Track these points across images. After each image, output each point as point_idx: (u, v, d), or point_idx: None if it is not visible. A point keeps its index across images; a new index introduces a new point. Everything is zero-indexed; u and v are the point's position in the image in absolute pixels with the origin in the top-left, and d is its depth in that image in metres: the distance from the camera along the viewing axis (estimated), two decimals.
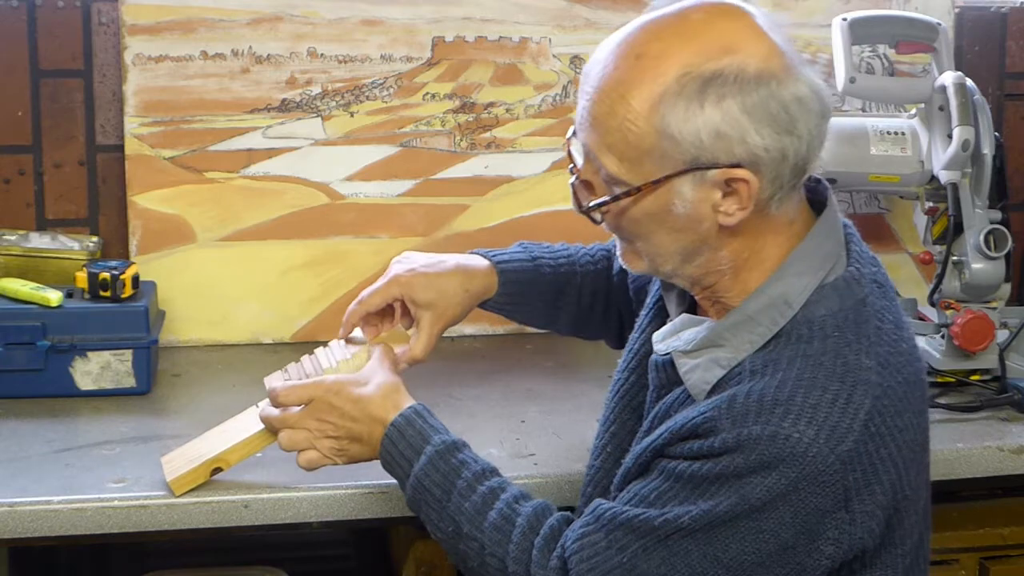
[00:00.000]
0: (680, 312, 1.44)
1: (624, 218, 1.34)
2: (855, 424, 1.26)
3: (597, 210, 1.35)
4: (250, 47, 2.19)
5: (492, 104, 2.28)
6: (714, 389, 1.33)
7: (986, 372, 2.00)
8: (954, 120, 1.97)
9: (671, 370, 1.39)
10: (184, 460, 1.60)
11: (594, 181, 1.35)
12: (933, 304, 2.03)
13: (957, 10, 2.42)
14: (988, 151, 2.00)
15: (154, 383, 1.96)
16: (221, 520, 1.57)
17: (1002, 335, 2.02)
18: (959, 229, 1.99)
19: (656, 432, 1.35)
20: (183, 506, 1.56)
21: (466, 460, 1.45)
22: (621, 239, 1.40)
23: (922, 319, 2.12)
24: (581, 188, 1.37)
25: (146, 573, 2.01)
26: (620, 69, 1.30)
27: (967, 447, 1.78)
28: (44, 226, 2.19)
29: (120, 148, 2.18)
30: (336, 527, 1.65)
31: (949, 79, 2.01)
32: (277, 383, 1.56)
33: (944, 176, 2.00)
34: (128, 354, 1.91)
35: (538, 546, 1.37)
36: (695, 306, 1.45)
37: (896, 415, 1.30)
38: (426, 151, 2.26)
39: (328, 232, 2.23)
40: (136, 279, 1.96)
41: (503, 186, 2.29)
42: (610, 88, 1.30)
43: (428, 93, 2.26)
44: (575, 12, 2.29)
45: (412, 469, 1.45)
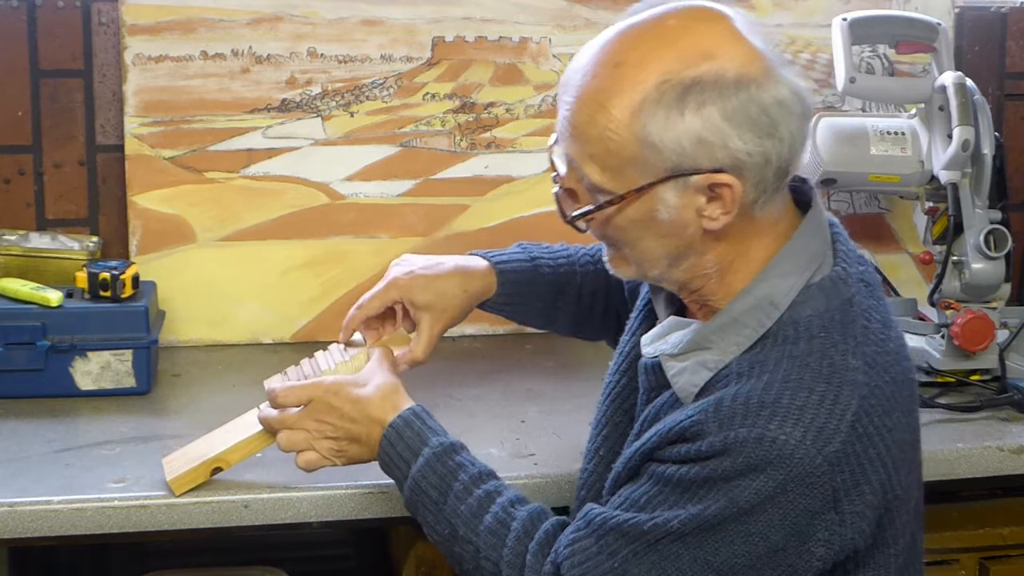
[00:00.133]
0: (668, 314, 1.44)
1: (609, 226, 1.34)
2: (842, 425, 1.26)
3: (582, 219, 1.34)
4: (250, 47, 2.19)
5: (492, 104, 2.28)
6: (702, 392, 1.33)
7: (986, 372, 2.00)
8: (954, 120, 1.97)
9: (660, 373, 1.39)
10: (185, 460, 1.60)
11: (578, 189, 1.35)
12: (933, 304, 2.03)
13: (957, 10, 2.41)
14: (988, 151, 2.00)
15: (154, 383, 1.96)
16: (221, 520, 1.57)
17: (1002, 335, 2.02)
18: (959, 229, 1.99)
19: (645, 436, 1.35)
20: (183, 506, 1.56)
21: (463, 463, 1.45)
22: (608, 245, 1.40)
23: (922, 319, 2.12)
24: (565, 197, 1.37)
25: (146, 573, 2.01)
26: (599, 78, 1.29)
27: (967, 447, 1.78)
28: (44, 226, 2.19)
29: (120, 148, 2.18)
30: (336, 527, 1.65)
31: (949, 79, 2.01)
32: (276, 385, 1.56)
33: (944, 176, 2.00)
34: (128, 354, 1.91)
35: (532, 551, 1.37)
36: (684, 308, 1.44)
37: (884, 415, 1.29)
38: (426, 151, 2.26)
39: (328, 232, 2.23)
40: (136, 279, 1.96)
41: (503, 186, 2.29)
42: (589, 97, 1.30)
43: (428, 93, 2.26)
44: (575, 12, 2.28)
45: (409, 471, 1.45)
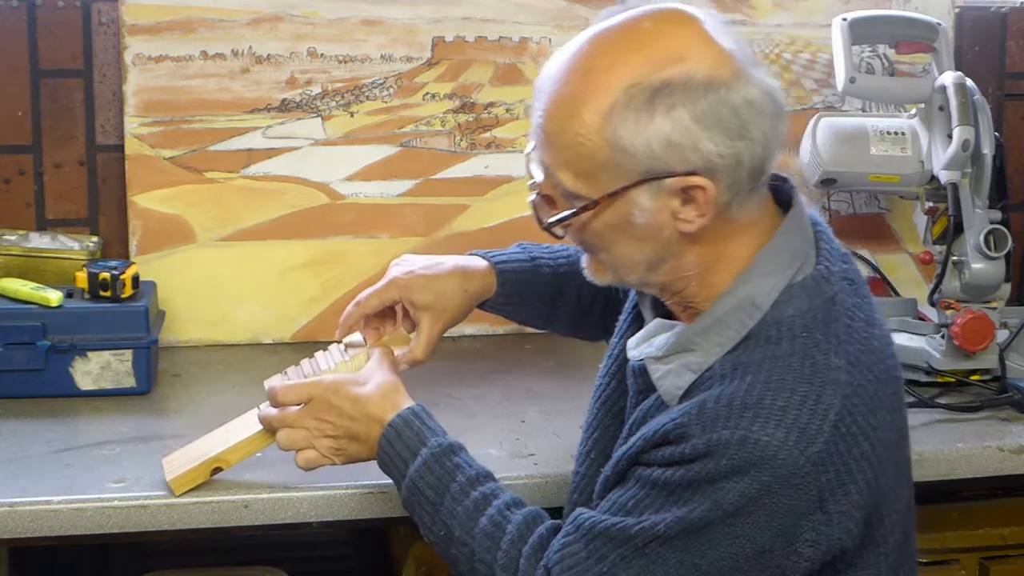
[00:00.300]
0: (654, 317, 1.44)
1: (586, 232, 1.34)
2: (824, 425, 1.25)
3: (558, 225, 1.35)
4: (250, 47, 2.19)
5: (492, 104, 2.28)
6: (686, 394, 1.33)
7: (986, 372, 2.00)
8: (954, 120, 1.97)
9: (647, 376, 1.38)
10: (185, 460, 1.60)
11: (554, 196, 1.35)
12: (933, 304, 2.03)
13: (957, 10, 2.41)
14: (988, 151, 2.00)
15: (154, 383, 1.96)
16: (221, 520, 1.57)
17: (1002, 335, 2.02)
18: (959, 229, 1.99)
19: (632, 439, 1.35)
20: (183, 506, 1.56)
21: (461, 464, 1.45)
22: (586, 251, 1.40)
23: (922, 319, 2.12)
24: (542, 204, 1.37)
25: (146, 573, 2.01)
26: (570, 85, 1.30)
27: (967, 447, 1.78)
28: (44, 226, 2.19)
29: (120, 148, 2.18)
30: (336, 527, 1.65)
31: (949, 79, 2.01)
32: (276, 383, 1.56)
33: (944, 176, 2.00)
34: (128, 354, 1.91)
35: (526, 555, 1.37)
36: (670, 311, 1.44)
37: (868, 414, 1.29)
38: (426, 151, 2.26)
39: (328, 232, 2.23)
40: (136, 279, 1.96)
41: (503, 186, 2.29)
42: (560, 105, 1.30)
43: (428, 93, 2.26)
44: (575, 12, 2.28)
45: (408, 470, 1.45)
